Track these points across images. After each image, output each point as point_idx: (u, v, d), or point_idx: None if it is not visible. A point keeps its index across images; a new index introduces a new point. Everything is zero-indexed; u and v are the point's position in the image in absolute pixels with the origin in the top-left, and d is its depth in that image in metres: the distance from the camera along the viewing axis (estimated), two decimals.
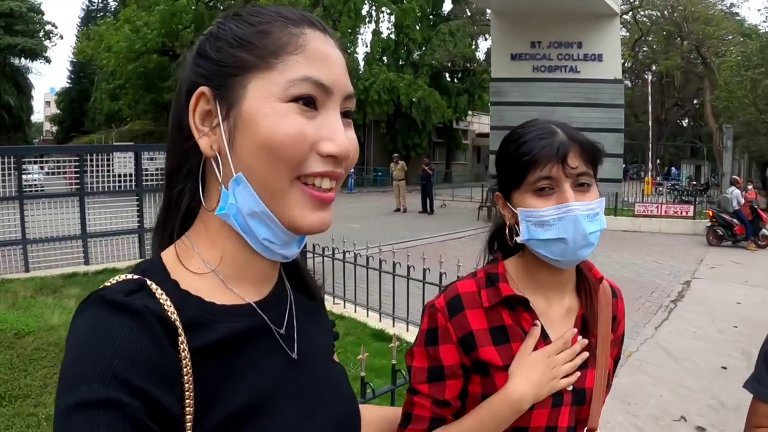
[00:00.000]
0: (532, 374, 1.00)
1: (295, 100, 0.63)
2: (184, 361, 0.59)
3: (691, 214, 15.33)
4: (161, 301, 0.60)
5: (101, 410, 0.51)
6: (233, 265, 0.68)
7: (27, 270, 7.42)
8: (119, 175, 8.32)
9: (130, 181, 8.33)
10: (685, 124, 46.71)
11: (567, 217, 0.98)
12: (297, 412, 0.69)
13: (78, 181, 8.02)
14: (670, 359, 5.49)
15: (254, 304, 0.69)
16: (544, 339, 1.05)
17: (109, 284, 0.62)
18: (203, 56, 0.67)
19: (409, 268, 5.03)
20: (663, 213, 15.60)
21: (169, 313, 0.60)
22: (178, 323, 0.60)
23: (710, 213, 13.05)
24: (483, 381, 1.04)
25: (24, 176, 7.76)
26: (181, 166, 0.70)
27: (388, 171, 23.14)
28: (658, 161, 35.19)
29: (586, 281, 1.11)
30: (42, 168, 9.20)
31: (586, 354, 1.06)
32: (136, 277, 0.62)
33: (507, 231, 1.09)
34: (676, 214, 15.53)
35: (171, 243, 0.70)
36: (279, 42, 0.64)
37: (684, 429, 4.07)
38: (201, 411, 0.59)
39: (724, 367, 5.18)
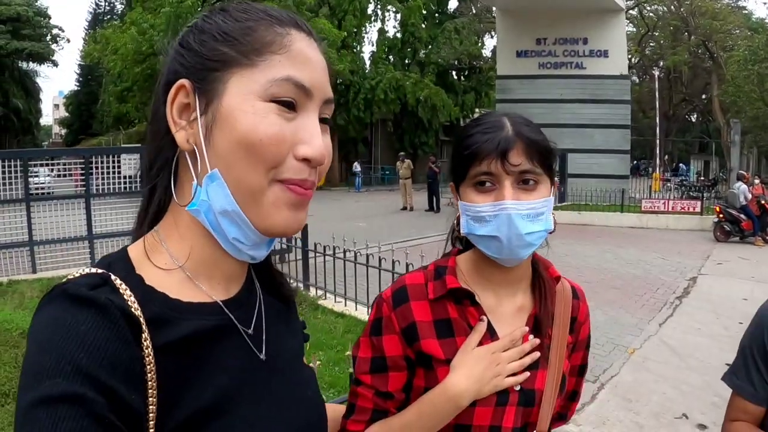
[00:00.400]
0: (474, 370, 0.97)
1: (274, 100, 0.63)
2: (147, 358, 0.58)
3: (698, 210, 15.18)
4: (125, 296, 0.59)
5: (65, 405, 0.51)
6: (201, 262, 0.68)
7: (34, 271, 7.46)
8: (124, 177, 8.37)
9: (135, 182, 8.37)
10: (693, 120, 46.45)
11: (501, 215, 0.95)
12: (262, 413, 0.68)
13: (83, 183, 8.08)
14: (674, 356, 5.46)
15: (221, 303, 0.68)
16: (491, 335, 1.02)
17: (72, 277, 0.60)
18: (186, 48, 0.66)
19: (408, 265, 5.03)
20: (670, 209, 15.46)
21: (132, 309, 0.59)
22: (142, 319, 0.59)
23: (717, 209, 12.93)
24: (426, 374, 1.02)
25: (33, 179, 7.80)
26: (156, 159, 0.69)
27: (395, 169, 23.13)
28: (666, 157, 34.96)
29: (540, 280, 1.07)
30: (52, 170, 9.26)
31: (536, 354, 1.02)
32: (100, 271, 0.61)
33: (456, 223, 1.08)
34: (683, 210, 15.41)
35: None
36: (263, 40, 0.64)
37: (686, 427, 4.05)
38: (164, 409, 0.59)
39: (728, 364, 5.13)
